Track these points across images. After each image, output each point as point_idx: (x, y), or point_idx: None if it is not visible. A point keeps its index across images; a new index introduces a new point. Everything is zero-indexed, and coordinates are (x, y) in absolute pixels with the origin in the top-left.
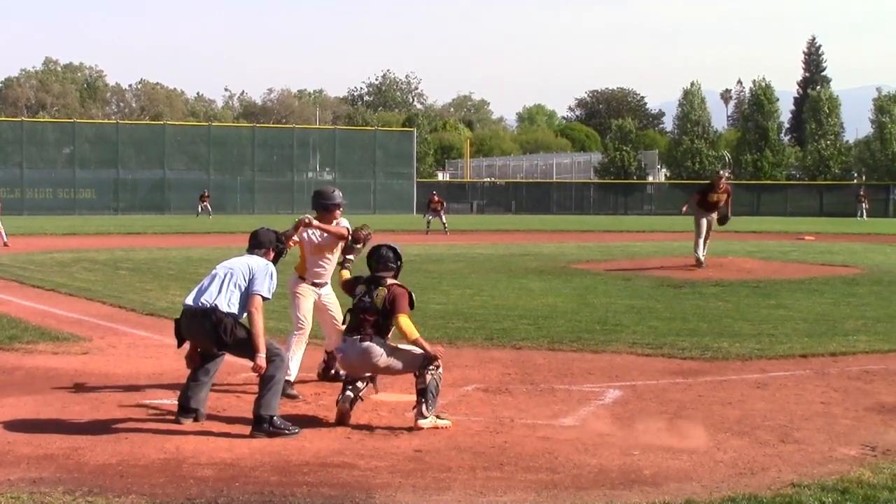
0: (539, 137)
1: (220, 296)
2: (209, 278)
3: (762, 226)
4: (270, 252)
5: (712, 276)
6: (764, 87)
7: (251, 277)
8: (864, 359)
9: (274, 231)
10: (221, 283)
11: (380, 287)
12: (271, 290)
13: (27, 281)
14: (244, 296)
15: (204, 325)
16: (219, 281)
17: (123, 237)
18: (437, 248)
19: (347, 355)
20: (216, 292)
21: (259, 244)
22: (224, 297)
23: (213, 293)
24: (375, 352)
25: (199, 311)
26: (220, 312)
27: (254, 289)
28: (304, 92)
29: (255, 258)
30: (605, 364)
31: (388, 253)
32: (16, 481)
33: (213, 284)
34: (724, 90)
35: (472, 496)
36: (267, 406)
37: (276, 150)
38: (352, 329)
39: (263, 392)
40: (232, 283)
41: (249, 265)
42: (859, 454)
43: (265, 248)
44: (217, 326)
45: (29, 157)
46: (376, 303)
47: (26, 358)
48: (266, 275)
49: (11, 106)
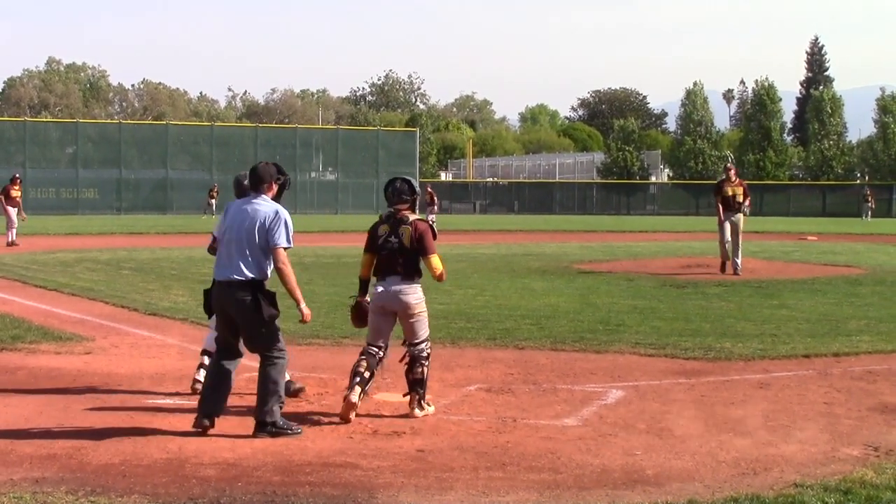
0: (542, 137)
1: (250, 264)
2: (228, 244)
3: (765, 226)
4: (273, 187)
5: (715, 276)
6: (767, 86)
7: (267, 230)
8: (867, 359)
9: (274, 164)
10: (243, 250)
11: (403, 225)
12: (291, 238)
13: (30, 281)
14: (265, 253)
15: (242, 297)
16: (238, 248)
17: (126, 237)
18: (440, 247)
19: (387, 291)
20: (244, 261)
21: (260, 180)
22: (254, 265)
23: (243, 263)
24: (409, 292)
25: (236, 283)
26: (256, 282)
27: (274, 242)
28: (306, 92)
29: (260, 205)
30: (607, 364)
31: (402, 185)
32: (18, 481)
33: (236, 253)
34: (726, 90)
35: (475, 496)
36: (271, 412)
37: (279, 150)
38: (385, 270)
39: (264, 395)
40: (252, 246)
41: (258, 219)
42: (862, 454)
43: (266, 182)
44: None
45: (32, 156)
46: (405, 243)
47: (29, 358)
48: (279, 222)
49: (14, 106)
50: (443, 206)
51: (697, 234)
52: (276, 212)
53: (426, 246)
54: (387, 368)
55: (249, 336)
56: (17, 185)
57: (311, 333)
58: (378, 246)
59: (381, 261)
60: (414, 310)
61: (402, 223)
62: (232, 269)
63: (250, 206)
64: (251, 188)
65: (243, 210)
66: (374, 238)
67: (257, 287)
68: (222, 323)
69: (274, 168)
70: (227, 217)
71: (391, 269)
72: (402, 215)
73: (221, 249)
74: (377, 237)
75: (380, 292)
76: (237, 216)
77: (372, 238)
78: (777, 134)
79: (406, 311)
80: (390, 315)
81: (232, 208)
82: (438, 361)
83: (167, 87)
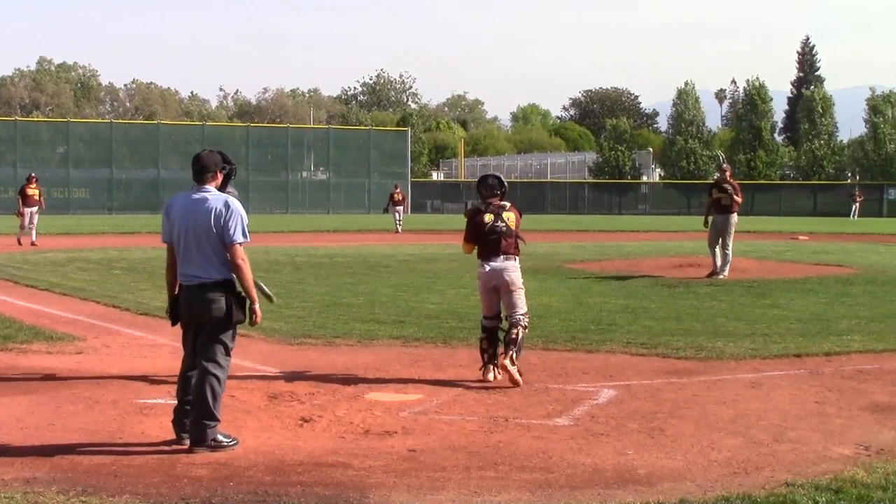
0: (533, 137)
1: (211, 264)
2: (184, 245)
3: (756, 225)
4: (218, 176)
5: (706, 275)
6: (758, 86)
7: (220, 227)
8: (858, 358)
9: (218, 152)
10: (200, 250)
11: (506, 212)
12: (246, 231)
13: (21, 280)
14: (222, 250)
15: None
16: (195, 248)
17: (117, 237)
18: (432, 247)
19: (494, 269)
20: (204, 261)
21: (204, 169)
22: (215, 264)
23: (203, 263)
24: (517, 269)
25: (199, 286)
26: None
27: (230, 239)
28: (298, 91)
29: (210, 198)
30: (599, 364)
31: (493, 182)
32: (9, 481)
33: (195, 253)
34: (718, 90)
35: (467, 496)
36: (210, 428)
37: (271, 150)
38: (491, 252)
39: (201, 409)
40: (208, 246)
41: (207, 215)
42: (853, 453)
43: (211, 171)
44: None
45: (23, 156)
46: (511, 226)
47: (20, 357)
48: (233, 216)
49: (5, 105)
50: (434, 205)
51: (689, 233)
52: (225, 203)
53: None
54: (378, 368)
55: (205, 340)
56: (32, 184)
57: (304, 333)
58: (485, 232)
59: (487, 244)
60: (516, 284)
61: (503, 210)
62: (199, 271)
63: (196, 200)
64: (194, 178)
65: (190, 205)
66: (479, 226)
67: (229, 288)
68: (191, 331)
69: (219, 156)
70: (171, 215)
71: (496, 251)
72: (500, 204)
73: (180, 252)
74: (482, 224)
75: (487, 271)
76: (187, 214)
77: (476, 227)
78: (768, 134)
79: (508, 287)
80: (496, 291)
81: (176, 204)
82: (430, 361)
83: (158, 86)
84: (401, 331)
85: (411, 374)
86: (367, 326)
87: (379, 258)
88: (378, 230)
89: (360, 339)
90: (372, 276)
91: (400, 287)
